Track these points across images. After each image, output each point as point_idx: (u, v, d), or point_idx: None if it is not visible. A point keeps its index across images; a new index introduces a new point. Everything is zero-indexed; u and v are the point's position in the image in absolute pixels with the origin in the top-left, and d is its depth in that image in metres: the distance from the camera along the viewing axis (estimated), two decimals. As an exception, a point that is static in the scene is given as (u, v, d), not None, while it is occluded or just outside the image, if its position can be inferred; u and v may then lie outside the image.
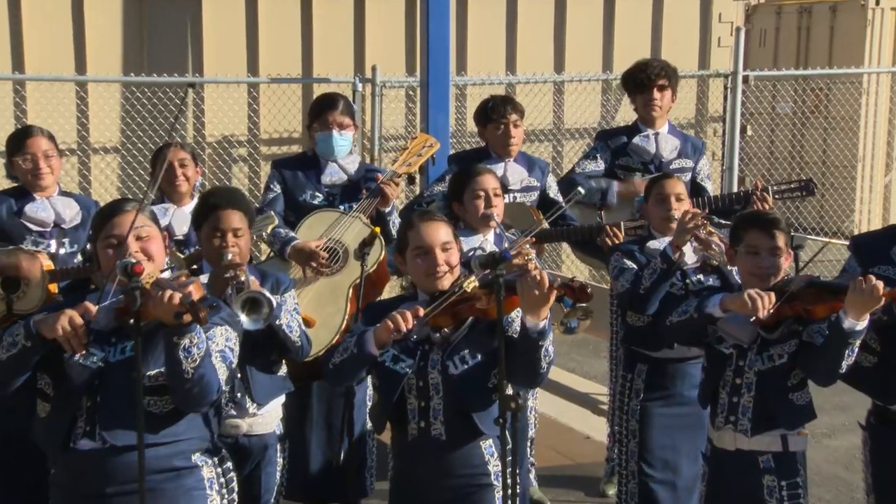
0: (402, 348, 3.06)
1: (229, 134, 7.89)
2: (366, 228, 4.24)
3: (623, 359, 4.24)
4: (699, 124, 9.43)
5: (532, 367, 2.95)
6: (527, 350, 2.92)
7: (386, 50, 8.17)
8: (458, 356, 3.04)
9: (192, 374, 2.72)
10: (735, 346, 3.37)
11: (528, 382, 3.21)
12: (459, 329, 3.06)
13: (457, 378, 3.03)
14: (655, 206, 4.12)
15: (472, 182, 4.08)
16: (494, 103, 4.77)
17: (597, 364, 7.30)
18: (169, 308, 2.66)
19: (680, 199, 4.08)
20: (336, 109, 4.48)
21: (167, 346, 2.73)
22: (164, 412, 2.82)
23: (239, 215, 3.50)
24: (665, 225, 4.07)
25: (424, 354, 3.07)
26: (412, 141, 4.69)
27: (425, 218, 3.18)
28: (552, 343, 2.96)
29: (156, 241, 2.93)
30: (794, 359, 3.32)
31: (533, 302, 2.85)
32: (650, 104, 4.96)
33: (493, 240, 4.11)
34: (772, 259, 3.34)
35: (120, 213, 2.91)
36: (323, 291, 4.20)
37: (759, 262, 3.35)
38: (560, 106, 8.83)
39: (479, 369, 3.04)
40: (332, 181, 4.51)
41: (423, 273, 3.12)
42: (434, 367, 3.05)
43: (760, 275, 3.34)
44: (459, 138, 8.36)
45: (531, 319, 2.88)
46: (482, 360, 3.04)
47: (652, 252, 4.04)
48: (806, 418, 3.37)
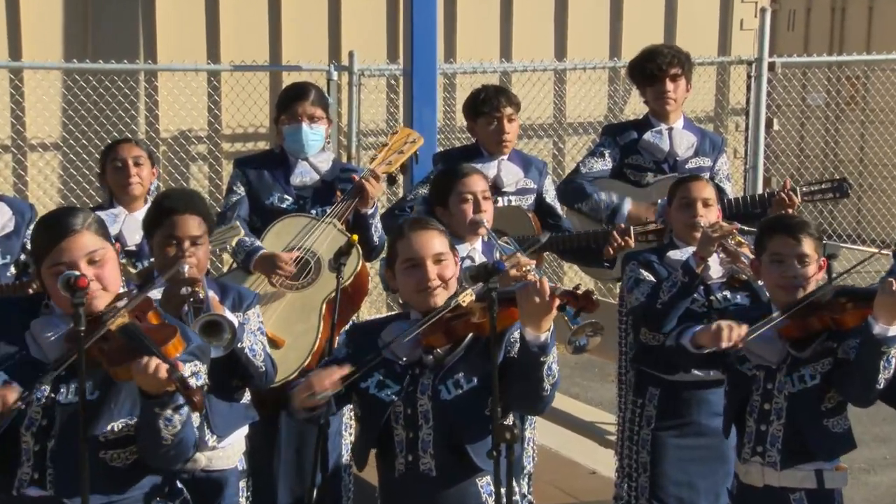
0: (388, 372, 3.08)
1: (186, 129, 7.90)
2: (341, 236, 4.27)
3: (633, 383, 4.27)
4: (719, 118, 9.49)
5: (534, 389, 2.97)
6: (527, 368, 2.95)
7: (364, 34, 8.21)
8: (451, 380, 3.07)
9: (172, 441, 2.73)
10: (761, 367, 3.40)
11: (530, 407, 3.23)
12: (456, 350, 3.08)
13: (449, 405, 3.05)
14: (679, 212, 4.16)
15: (457, 184, 4.12)
16: (486, 95, 4.81)
17: (603, 389, 7.34)
18: (154, 382, 2.63)
19: (707, 204, 4.13)
20: (307, 100, 4.51)
21: (146, 413, 2.72)
22: (126, 465, 2.82)
23: (197, 221, 3.51)
24: (689, 233, 4.11)
25: (414, 378, 3.09)
26: (393, 136, 4.72)
27: (416, 226, 3.20)
28: (556, 362, 2.99)
29: (111, 265, 2.87)
30: (828, 380, 3.34)
31: (533, 311, 2.88)
32: (662, 96, 5.00)
33: (481, 249, 4.14)
34: (798, 267, 3.37)
35: (69, 234, 2.81)
36: (293, 307, 4.22)
37: (784, 271, 3.38)
38: (561, 97, 8.89)
39: (474, 395, 3.05)
40: (302, 182, 4.54)
41: (413, 289, 3.14)
42: (424, 392, 3.07)
43: (786, 286, 3.37)
44: (447, 134, 8.41)
45: (531, 332, 2.91)
46: (479, 384, 3.06)
47: (673, 263, 4.08)
48: (843, 448, 3.38)
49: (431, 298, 3.12)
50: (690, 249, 4.05)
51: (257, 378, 3.57)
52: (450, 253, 3.19)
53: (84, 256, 2.81)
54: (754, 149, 8.69)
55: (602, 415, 6.48)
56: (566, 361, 7.71)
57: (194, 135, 7.93)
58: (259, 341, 3.57)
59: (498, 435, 2.85)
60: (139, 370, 2.63)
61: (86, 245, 2.81)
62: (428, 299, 3.12)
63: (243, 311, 3.57)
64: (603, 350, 4.90)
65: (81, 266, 2.79)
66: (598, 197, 5.00)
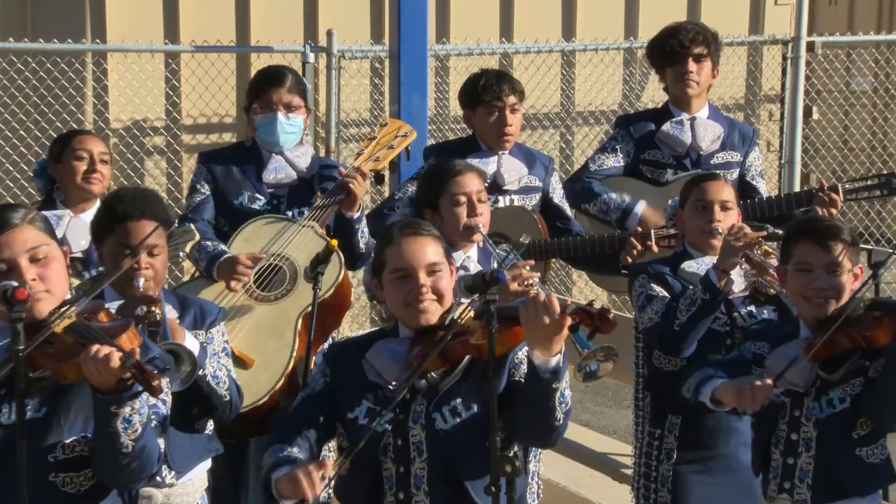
0: (377, 398, 3.11)
1: (141, 118, 7.92)
2: (320, 241, 4.31)
3: (650, 409, 4.31)
4: (750, 106, 9.55)
5: (545, 420, 3.00)
6: (537, 396, 2.97)
7: (345, 11, 8.24)
8: (447, 407, 3.11)
9: (132, 448, 2.74)
10: (788, 392, 3.42)
11: (540, 440, 3.26)
12: (453, 373, 3.12)
13: (446, 435, 3.09)
14: (694, 216, 4.18)
15: (449, 183, 4.15)
16: (486, 81, 4.85)
17: (618, 415, 7.38)
18: (106, 372, 2.64)
19: (726, 207, 4.15)
20: (282, 86, 4.56)
21: (101, 416, 2.73)
22: (80, 491, 2.84)
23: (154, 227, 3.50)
24: (705, 241, 4.15)
25: (405, 405, 3.12)
26: (382, 129, 4.77)
27: (408, 231, 3.23)
28: (569, 386, 3.02)
29: (56, 265, 2.89)
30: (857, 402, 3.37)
31: (541, 333, 2.91)
32: (685, 80, 5.06)
33: (476, 257, 4.18)
34: (828, 278, 3.40)
35: (8, 228, 2.84)
36: (264, 322, 4.26)
37: (810, 281, 3.41)
38: (570, 83, 8.93)
39: (474, 424, 3.09)
40: (276, 179, 4.59)
41: (402, 302, 3.18)
42: (417, 420, 3.11)
43: (813, 299, 3.40)
44: (440, 124, 8.44)
45: (540, 355, 2.93)
46: (479, 411, 3.10)
47: (688, 276, 4.12)
48: (882, 481, 3.42)
49: (423, 315, 3.15)
50: (707, 259, 4.08)
51: (221, 408, 3.59)
52: (445, 262, 3.23)
53: (25, 253, 2.83)
54: (791, 141, 8.73)
55: (616, 445, 6.50)
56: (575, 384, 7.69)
57: (150, 125, 7.95)
58: (223, 365, 3.60)
59: (497, 468, 2.87)
60: (88, 359, 2.64)
61: (27, 240, 2.84)
62: (419, 315, 3.16)
63: (206, 328, 3.60)
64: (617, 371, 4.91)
65: (22, 263, 2.81)
66: (607, 197, 5.06)
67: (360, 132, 8.24)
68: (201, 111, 8.05)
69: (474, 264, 4.13)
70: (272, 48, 7.81)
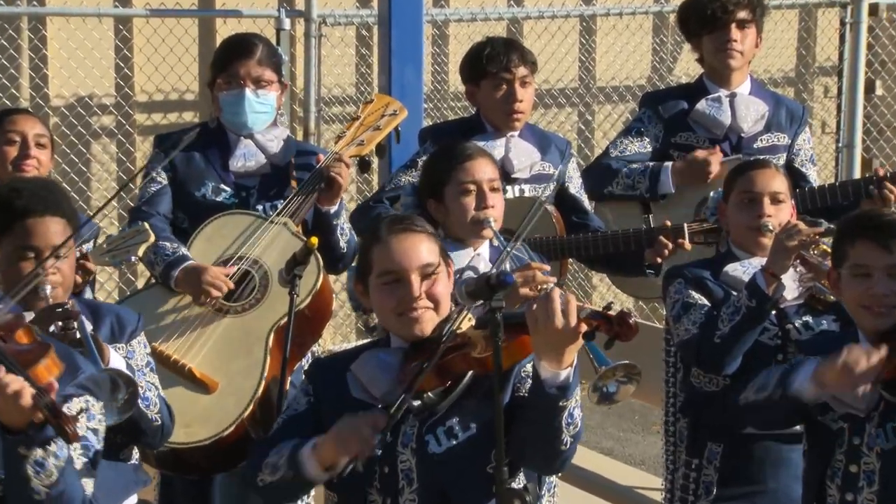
0: None
1: (87, 94, 7.92)
2: (296, 240, 4.30)
3: (686, 436, 4.31)
4: (801, 80, 9.55)
5: (549, 442, 3.01)
6: (542, 415, 2.98)
7: (326, -32, 8.27)
8: (442, 427, 3.12)
9: (47, 495, 2.74)
10: (847, 416, 3.41)
11: (543, 465, 3.26)
12: (453, 392, 3.13)
13: (440, 460, 3.10)
14: (739, 210, 4.18)
15: (457, 170, 4.16)
16: (492, 50, 4.86)
17: (645, 443, 7.39)
18: (15, 410, 2.65)
19: (778, 199, 4.16)
20: (252, 58, 4.55)
21: (9, 457, 2.74)
22: None
23: (61, 225, 3.47)
24: (752, 239, 4.15)
25: (394, 425, 3.11)
26: (367, 107, 4.76)
27: (398, 228, 3.24)
28: (580, 406, 3.02)
29: None
30: None
31: (551, 340, 2.91)
32: (725, 48, 5.06)
33: (487, 255, 4.19)
34: (890, 283, 3.39)
35: None
36: (230, 337, 4.25)
37: (869, 287, 3.40)
38: (589, 53, 8.94)
39: (472, 447, 3.11)
40: (245, 167, 4.59)
41: (394, 310, 3.18)
42: (407, 443, 3.12)
43: (874, 307, 3.40)
44: (438, 102, 8.45)
45: (548, 367, 2.94)
46: (478, 433, 3.11)
47: (732, 281, 4.11)
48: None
49: (417, 324, 3.16)
50: (755, 262, 4.07)
51: (150, 434, 3.58)
52: (442, 263, 3.24)
53: None
54: (849, 121, 8.73)
55: (644, 477, 6.52)
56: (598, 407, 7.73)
57: (97, 102, 7.95)
58: (151, 383, 3.59)
59: (504, 501, 2.88)
60: None
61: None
62: (412, 325, 3.16)
63: (126, 341, 3.60)
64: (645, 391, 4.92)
65: None
66: (628, 169, 5.05)
67: (344, 111, 8.24)
68: (157, 86, 8.05)
69: (485, 264, 4.13)
70: (241, 12, 7.82)
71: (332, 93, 8.27)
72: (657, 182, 5.04)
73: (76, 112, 7.85)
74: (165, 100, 8.10)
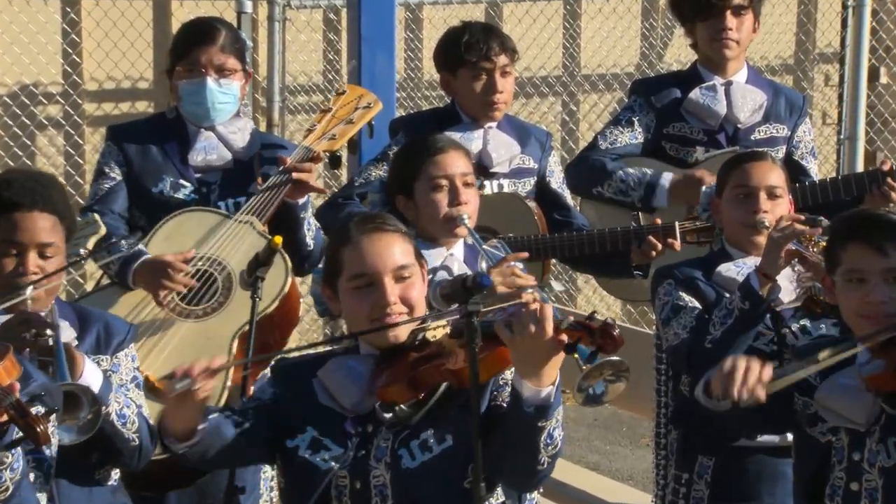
0: (326, 427, 3.15)
1: (31, 82, 7.90)
2: (261, 239, 4.31)
3: (676, 449, 4.34)
4: (800, 67, 9.58)
5: (525, 461, 3.05)
6: (518, 433, 3.02)
7: (291, -54, 8.27)
8: (416, 441, 3.16)
9: None
10: (844, 430, 3.40)
11: (518, 483, 3.30)
12: (426, 405, 3.15)
13: (415, 475, 3.13)
14: (733, 206, 4.20)
15: (427, 164, 4.18)
16: (470, 36, 4.88)
17: (634, 456, 7.42)
18: None
19: (774, 194, 4.18)
20: (213, 44, 4.56)
21: None
22: None
23: (51, 222, 3.51)
24: (747, 236, 4.18)
25: (366, 438, 3.17)
26: (339, 98, 4.77)
27: (369, 227, 3.27)
28: (560, 426, 3.06)
29: None
30: None
31: (531, 354, 2.94)
32: (720, 36, 5.09)
33: (462, 255, 4.21)
34: (887, 288, 3.37)
35: None
36: (191, 343, 4.25)
37: (865, 294, 3.38)
38: (574, 39, 8.95)
39: (448, 460, 3.14)
40: (206, 161, 4.60)
41: (365, 316, 3.21)
42: (380, 458, 3.15)
43: (871, 315, 3.38)
44: (411, 91, 8.46)
45: (529, 384, 2.96)
46: (455, 445, 3.15)
47: (725, 281, 4.13)
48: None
49: (390, 330, 3.19)
50: (750, 261, 4.09)
51: (128, 454, 3.57)
52: (416, 265, 3.27)
53: None
54: (852, 111, 8.74)
55: (633, 494, 6.54)
56: (582, 416, 7.73)
57: (43, 91, 7.93)
58: (132, 400, 3.59)
59: (482, 523, 2.92)
60: None
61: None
62: (385, 331, 3.20)
63: (111, 353, 3.60)
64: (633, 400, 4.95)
65: None
66: (624, 174, 5.10)
67: (310, 101, 8.24)
68: (108, 74, 8.04)
69: (460, 265, 4.15)
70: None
71: (298, 81, 8.28)
72: (652, 195, 5.06)
73: (20, 101, 7.83)
74: (117, 88, 8.09)
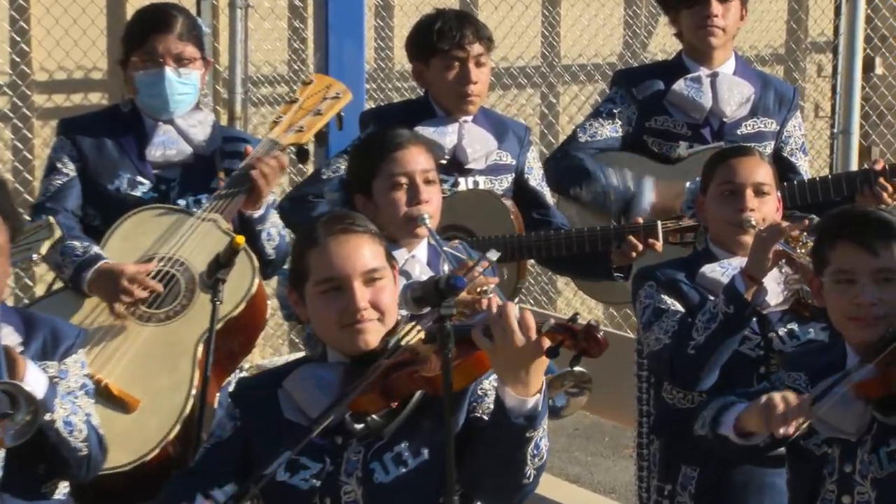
0: (304, 447, 3.10)
1: (-26, 74, 7.91)
2: (224, 238, 4.29)
3: (659, 459, 4.35)
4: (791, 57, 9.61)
5: (510, 475, 3.06)
6: (504, 445, 3.03)
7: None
8: (390, 454, 3.17)
9: None
10: (835, 440, 3.44)
11: (503, 499, 3.28)
12: (400, 415, 3.16)
13: (388, 490, 3.15)
14: (719, 203, 4.21)
15: (386, 161, 4.15)
16: (443, 24, 4.89)
17: (616, 468, 7.43)
18: None
19: (762, 191, 4.19)
20: (171, 32, 4.56)
21: None
22: None
23: None
24: (733, 236, 4.19)
25: (336, 451, 3.18)
26: (306, 89, 4.77)
27: (337, 228, 3.28)
28: (546, 435, 3.07)
29: None
30: None
31: (510, 360, 2.95)
32: (705, 24, 5.11)
33: (424, 257, 4.21)
34: (877, 289, 3.40)
35: None
36: (152, 350, 4.25)
37: (855, 296, 3.41)
38: (553, 27, 8.96)
39: (424, 475, 3.15)
40: (165, 157, 4.60)
41: (334, 322, 3.23)
42: (352, 472, 3.17)
43: (860, 318, 3.41)
44: (381, 82, 8.46)
45: (513, 394, 2.97)
46: (431, 458, 3.16)
47: (709, 283, 4.15)
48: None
49: (361, 337, 3.21)
50: (736, 262, 4.11)
51: (75, 464, 3.55)
52: (387, 267, 3.29)
53: None
54: (846, 103, 8.77)
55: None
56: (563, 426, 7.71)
57: (-13, 82, 7.94)
58: (80, 408, 3.57)
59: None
60: None
61: None
62: (356, 338, 3.21)
63: (59, 358, 3.59)
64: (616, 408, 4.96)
65: None
66: (605, 180, 5.12)
67: (274, 92, 8.24)
68: (59, 63, 8.00)
69: (421, 267, 4.15)
70: (156, -20, 7.79)
71: (261, 71, 8.27)
72: (630, 211, 5.07)
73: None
74: (68, 79, 8.05)
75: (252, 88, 8.09)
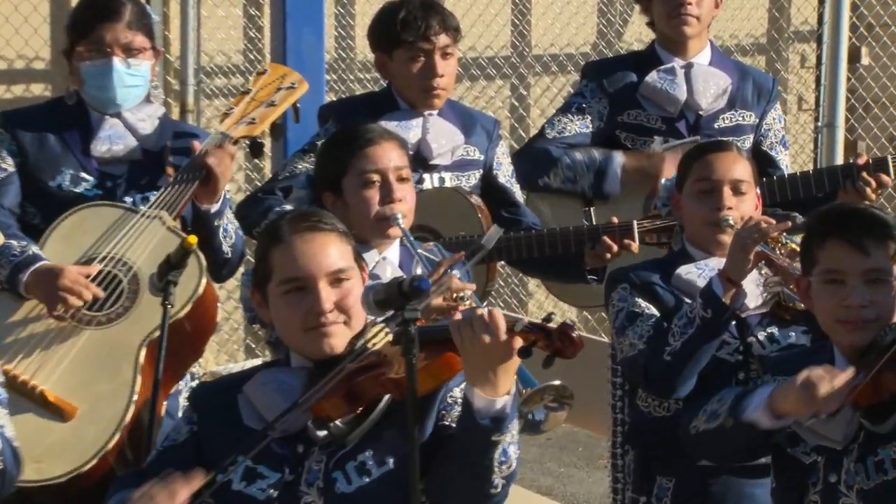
0: (259, 453, 3.13)
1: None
2: (174, 237, 4.30)
3: (633, 470, 4.38)
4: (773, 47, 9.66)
5: (477, 484, 3.08)
6: (470, 450, 3.04)
7: None
8: (353, 463, 3.18)
9: None
10: (821, 449, 3.46)
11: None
12: (366, 421, 3.17)
13: (351, 501, 3.16)
14: (695, 201, 4.24)
15: (357, 157, 4.18)
16: (407, 13, 4.90)
17: (591, 479, 7.46)
18: None
19: (740, 189, 4.21)
20: (118, 21, 4.55)
21: None
22: None
23: None
24: (710, 235, 4.21)
25: (296, 460, 3.19)
26: (259, 79, 4.77)
27: (302, 227, 3.29)
28: (516, 443, 3.09)
29: None
30: None
31: (483, 361, 2.97)
32: (678, 16, 5.14)
33: (396, 258, 4.24)
34: (867, 290, 3.42)
35: None
36: (92, 354, 4.24)
37: (844, 297, 3.43)
38: (524, 15, 8.99)
39: (388, 486, 3.16)
40: (111, 152, 4.59)
41: (298, 324, 3.24)
42: (313, 482, 3.18)
43: (849, 320, 3.43)
44: (343, 73, 8.47)
45: (482, 394, 3.00)
46: (396, 468, 3.17)
47: (686, 286, 4.18)
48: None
49: (326, 340, 3.23)
50: (713, 263, 4.13)
51: None
52: (355, 268, 3.31)
53: None
54: (830, 95, 8.77)
55: (589, 519, 6.64)
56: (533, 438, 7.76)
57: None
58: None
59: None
60: None
61: None
62: (321, 341, 3.23)
63: None
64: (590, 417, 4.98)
65: None
66: (570, 160, 5.14)
67: (229, 84, 8.24)
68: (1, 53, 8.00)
69: (394, 269, 4.17)
70: (103, -35, 7.78)
71: (215, 62, 8.27)
72: (603, 178, 5.11)
73: None
74: (9, 69, 8.06)
75: (205, 79, 8.09)
